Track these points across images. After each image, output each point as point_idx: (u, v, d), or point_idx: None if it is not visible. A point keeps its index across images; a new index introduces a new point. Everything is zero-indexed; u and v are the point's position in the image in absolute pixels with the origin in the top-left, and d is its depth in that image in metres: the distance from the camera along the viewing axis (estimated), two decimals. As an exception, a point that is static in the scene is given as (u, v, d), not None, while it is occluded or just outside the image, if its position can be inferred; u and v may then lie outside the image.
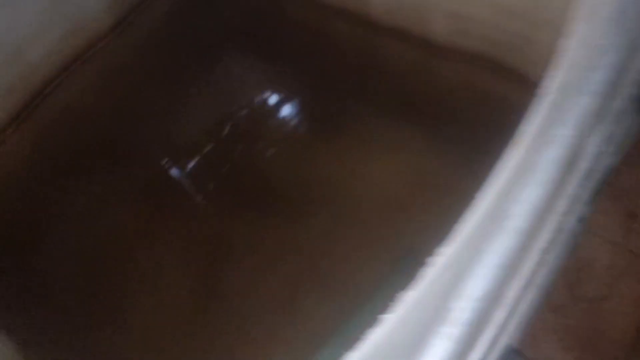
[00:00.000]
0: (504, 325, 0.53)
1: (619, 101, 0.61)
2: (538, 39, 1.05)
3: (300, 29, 1.71)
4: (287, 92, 1.75)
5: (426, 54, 1.31)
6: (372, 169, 1.50)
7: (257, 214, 1.50)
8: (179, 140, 1.69)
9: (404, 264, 1.33)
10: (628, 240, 1.25)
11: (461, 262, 0.54)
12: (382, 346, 0.51)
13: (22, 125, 1.60)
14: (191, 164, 1.65)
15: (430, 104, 1.42)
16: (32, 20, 1.43)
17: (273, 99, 1.75)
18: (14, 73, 1.47)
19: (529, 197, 0.56)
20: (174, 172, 1.65)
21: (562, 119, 0.59)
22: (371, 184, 1.48)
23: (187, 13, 1.76)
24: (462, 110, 1.33)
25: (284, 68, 1.79)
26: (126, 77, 1.71)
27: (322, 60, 1.69)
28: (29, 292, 1.41)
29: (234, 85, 1.79)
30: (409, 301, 0.53)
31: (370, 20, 1.48)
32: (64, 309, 1.42)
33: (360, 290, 1.30)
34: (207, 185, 1.62)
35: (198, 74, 1.76)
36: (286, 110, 1.72)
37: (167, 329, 1.37)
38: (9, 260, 1.48)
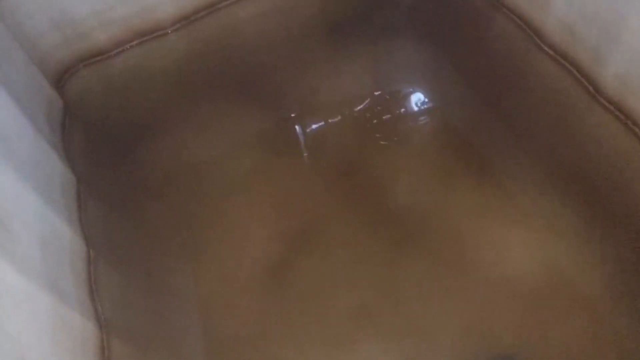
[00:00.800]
0: None
1: None
2: None
3: (495, 48, 1.48)
4: (443, 100, 1.54)
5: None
6: (505, 238, 1.26)
7: (356, 213, 1.35)
8: (314, 100, 1.57)
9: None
10: None
11: None
12: None
13: (187, 26, 1.57)
14: (314, 127, 1.53)
15: (622, 209, 1.15)
16: None
17: (425, 100, 1.55)
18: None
19: None
20: (297, 129, 1.54)
21: None
22: (495, 254, 1.25)
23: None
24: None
25: (453, 74, 1.57)
26: (291, 26, 1.61)
27: (504, 85, 1.45)
28: (118, 193, 1.40)
29: (391, 70, 1.62)
30: None
31: (591, 80, 1.21)
32: (144, 220, 1.39)
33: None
34: (321, 157, 1.48)
35: (362, 45, 1.62)
36: (433, 117, 1.52)
37: (231, 291, 1.28)
38: (120, 150, 1.49)
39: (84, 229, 1.15)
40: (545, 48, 1.32)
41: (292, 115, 1.57)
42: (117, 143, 1.51)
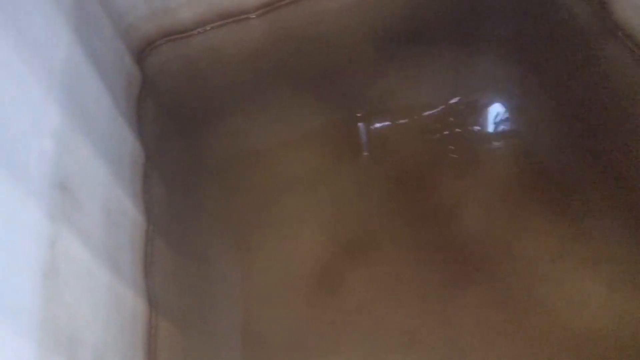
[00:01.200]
0: None
1: None
2: None
3: (601, 76, 1.35)
4: (527, 123, 1.43)
5: None
6: (579, 286, 1.14)
7: (415, 232, 1.27)
8: (385, 103, 1.51)
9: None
10: None
11: None
12: None
13: (270, 13, 1.56)
14: (381, 131, 1.47)
15: None
16: None
17: (507, 120, 1.45)
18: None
19: None
20: (364, 131, 1.48)
21: None
22: (567, 303, 1.13)
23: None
24: None
25: (544, 98, 1.46)
26: (375, 25, 1.56)
27: (606, 121, 1.32)
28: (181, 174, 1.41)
29: (474, 82, 1.53)
30: None
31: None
32: (201, 202, 1.40)
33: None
34: (385, 164, 1.41)
35: (445, 54, 1.54)
36: (513, 140, 1.41)
37: (276, 288, 1.25)
38: (187, 128, 1.49)
39: (147, 205, 1.17)
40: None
41: (359, 115, 1.52)
42: (186, 121, 1.52)
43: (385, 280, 1.22)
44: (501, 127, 1.44)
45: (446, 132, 1.43)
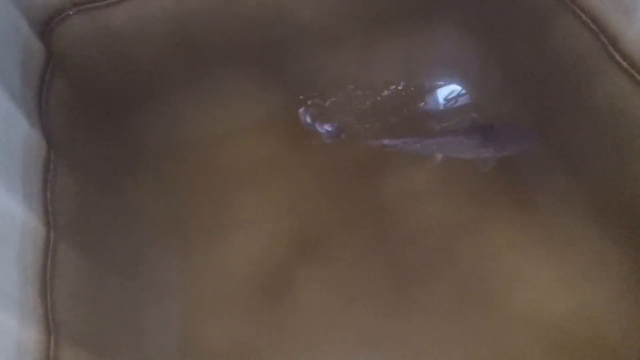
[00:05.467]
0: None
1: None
2: None
3: (556, 51, 1.27)
4: (484, 103, 1.33)
5: None
6: (536, 277, 1.09)
7: (370, 225, 1.20)
8: (337, 83, 1.37)
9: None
10: None
11: None
12: None
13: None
14: (334, 115, 1.33)
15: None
16: None
17: (462, 99, 1.34)
18: None
19: None
20: (314, 115, 1.33)
21: None
22: (524, 293, 1.08)
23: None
24: None
25: (500, 74, 1.37)
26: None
27: (562, 97, 1.25)
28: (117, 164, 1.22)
29: (427, 58, 1.44)
30: None
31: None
32: (129, 200, 1.22)
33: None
34: (338, 151, 1.30)
35: (399, 33, 1.43)
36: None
37: (222, 294, 1.13)
38: (110, 114, 1.29)
39: (48, 206, 0.96)
40: (621, 60, 1.11)
41: (306, 98, 1.35)
42: (108, 106, 1.33)
43: (340, 278, 1.14)
44: (458, 108, 1.35)
45: (401, 115, 1.33)
